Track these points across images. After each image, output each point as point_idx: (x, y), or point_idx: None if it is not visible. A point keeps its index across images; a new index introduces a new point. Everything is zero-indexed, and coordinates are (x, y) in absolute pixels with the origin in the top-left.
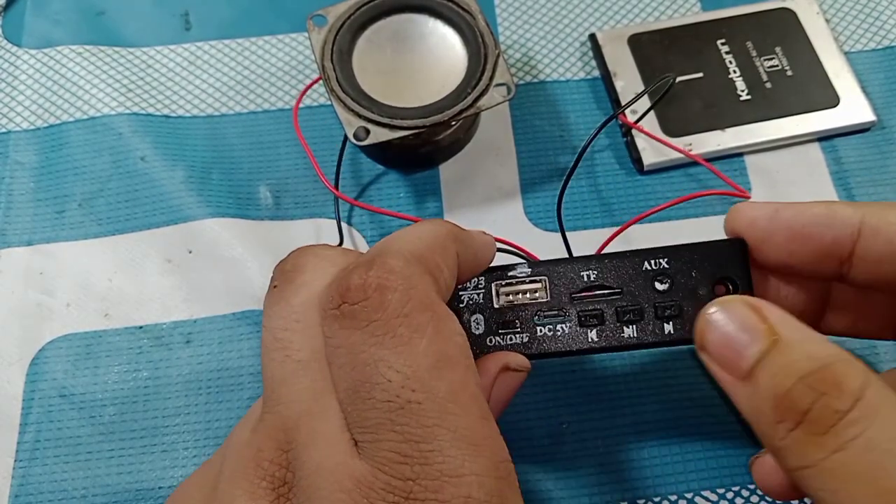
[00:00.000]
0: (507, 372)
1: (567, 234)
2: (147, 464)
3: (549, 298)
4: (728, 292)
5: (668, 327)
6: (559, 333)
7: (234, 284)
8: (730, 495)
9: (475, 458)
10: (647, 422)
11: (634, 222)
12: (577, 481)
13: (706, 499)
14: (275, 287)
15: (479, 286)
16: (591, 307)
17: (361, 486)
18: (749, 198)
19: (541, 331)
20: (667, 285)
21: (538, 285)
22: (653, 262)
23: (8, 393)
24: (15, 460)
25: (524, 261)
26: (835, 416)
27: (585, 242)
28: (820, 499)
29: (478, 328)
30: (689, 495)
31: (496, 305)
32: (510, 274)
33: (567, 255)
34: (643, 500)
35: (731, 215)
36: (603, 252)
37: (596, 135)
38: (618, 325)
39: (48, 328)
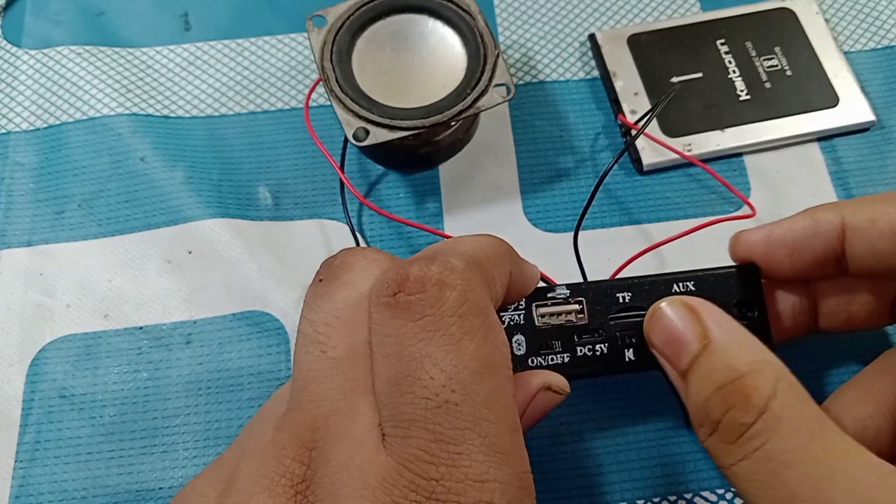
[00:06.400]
0: (547, 391)
1: (566, 234)
2: (147, 464)
3: (587, 320)
4: (743, 313)
5: None
6: (598, 353)
7: (234, 285)
8: (729, 496)
9: (500, 466)
10: (647, 422)
11: (657, 247)
12: (577, 481)
13: (705, 499)
14: (320, 281)
15: (520, 308)
16: (627, 328)
17: (385, 483)
18: (754, 212)
19: (580, 351)
20: None
21: (577, 307)
22: (681, 285)
23: (8, 394)
24: (15, 461)
25: (562, 284)
26: (741, 427)
27: (585, 242)
28: (740, 495)
29: (520, 349)
30: (688, 496)
31: (537, 326)
32: (549, 295)
33: (583, 280)
34: (643, 501)
35: (732, 245)
36: (635, 276)
37: (613, 164)
38: None
39: (48, 329)
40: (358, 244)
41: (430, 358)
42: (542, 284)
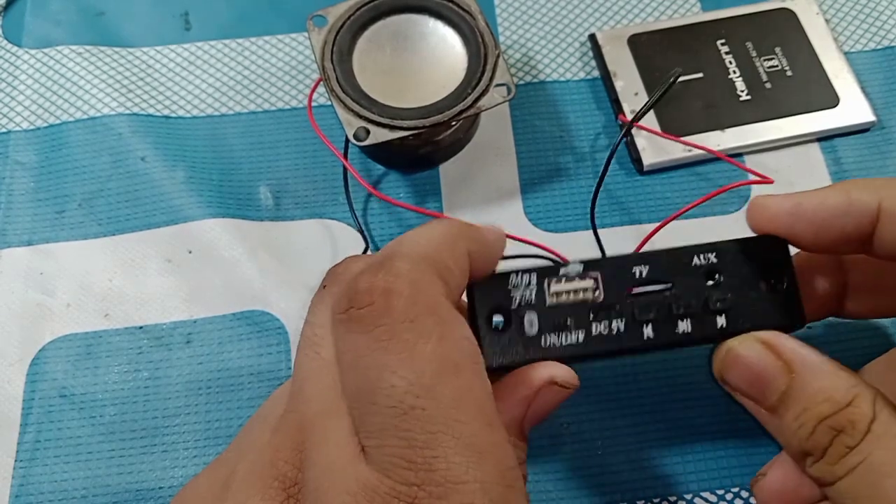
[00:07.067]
0: (553, 386)
1: (567, 234)
2: (147, 464)
3: (602, 296)
4: (771, 284)
5: (721, 320)
6: (614, 331)
7: (234, 285)
8: (729, 496)
9: (479, 465)
10: (647, 423)
11: (661, 227)
12: (577, 482)
13: (705, 500)
14: (324, 287)
15: (531, 285)
16: (644, 302)
17: (366, 490)
18: (772, 182)
19: (596, 328)
20: (716, 280)
21: (591, 283)
22: (702, 257)
23: (8, 393)
24: (15, 460)
25: (576, 260)
26: (846, 450)
27: (586, 242)
28: None
29: (531, 329)
30: (688, 496)
31: (549, 304)
32: (562, 272)
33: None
34: (643, 501)
35: (752, 210)
36: (652, 249)
37: (618, 145)
38: (671, 319)
39: (48, 328)
40: (365, 238)
41: (387, 367)
42: (551, 263)
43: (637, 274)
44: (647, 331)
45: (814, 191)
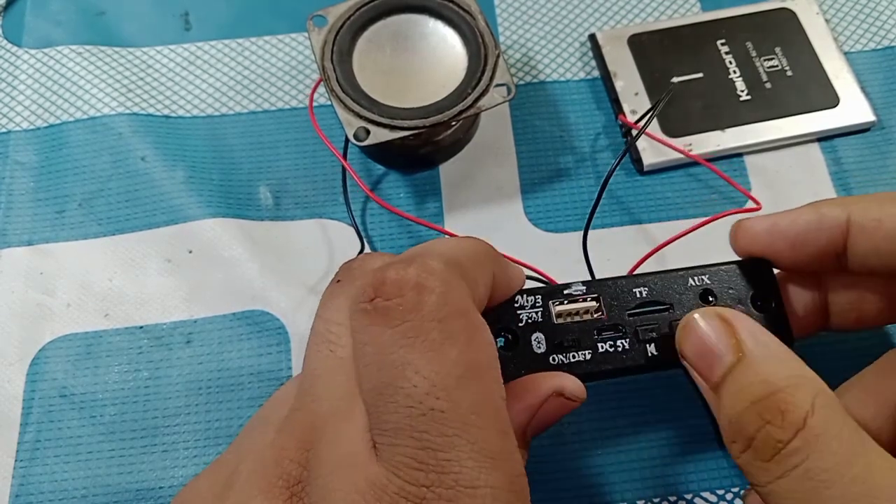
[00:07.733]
0: (559, 398)
1: (567, 234)
2: (147, 464)
3: (606, 315)
4: (759, 306)
5: None
6: (619, 349)
7: (234, 284)
8: (729, 496)
9: (491, 471)
10: (648, 423)
11: (666, 245)
12: (577, 482)
13: (705, 500)
14: (337, 282)
15: (537, 305)
16: (647, 322)
17: (375, 489)
18: (759, 205)
19: (602, 347)
20: (711, 301)
21: (594, 304)
22: (696, 279)
23: (8, 393)
24: (15, 460)
25: (577, 281)
26: (777, 445)
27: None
28: None
29: (539, 347)
30: (688, 496)
31: (556, 323)
32: (566, 292)
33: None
34: (643, 501)
35: (733, 234)
36: (649, 271)
37: (616, 165)
38: (673, 337)
39: (48, 328)
40: (361, 239)
41: (411, 366)
42: (544, 283)
43: (637, 294)
44: (651, 349)
45: (788, 210)
